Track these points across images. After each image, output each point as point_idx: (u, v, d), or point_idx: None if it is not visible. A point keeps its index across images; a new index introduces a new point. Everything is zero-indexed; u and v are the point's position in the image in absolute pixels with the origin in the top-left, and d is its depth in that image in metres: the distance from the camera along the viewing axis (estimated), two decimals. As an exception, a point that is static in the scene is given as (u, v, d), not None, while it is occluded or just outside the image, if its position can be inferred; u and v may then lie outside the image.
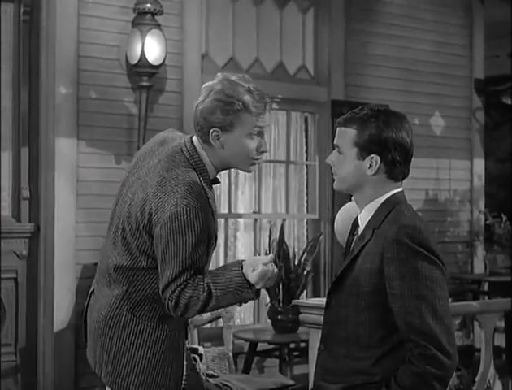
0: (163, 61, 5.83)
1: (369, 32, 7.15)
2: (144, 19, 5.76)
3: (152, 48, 5.73)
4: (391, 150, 2.59)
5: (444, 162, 7.62)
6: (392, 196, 2.63)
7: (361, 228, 2.66)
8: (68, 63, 5.68)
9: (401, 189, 2.67)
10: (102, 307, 2.86)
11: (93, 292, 2.98)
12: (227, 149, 2.81)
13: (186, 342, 2.95)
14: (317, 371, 2.71)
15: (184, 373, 2.91)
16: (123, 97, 5.91)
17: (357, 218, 2.70)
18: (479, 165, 7.88)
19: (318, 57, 7.00)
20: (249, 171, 2.95)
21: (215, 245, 2.91)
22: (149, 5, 5.76)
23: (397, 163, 2.61)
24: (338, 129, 2.67)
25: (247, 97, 2.80)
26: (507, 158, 8.42)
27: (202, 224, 2.70)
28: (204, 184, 2.79)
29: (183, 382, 2.90)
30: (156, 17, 5.80)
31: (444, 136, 7.64)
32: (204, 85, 2.87)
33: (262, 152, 2.87)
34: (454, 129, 7.73)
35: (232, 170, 6.63)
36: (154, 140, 2.98)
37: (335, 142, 2.67)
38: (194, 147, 2.84)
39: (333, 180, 2.73)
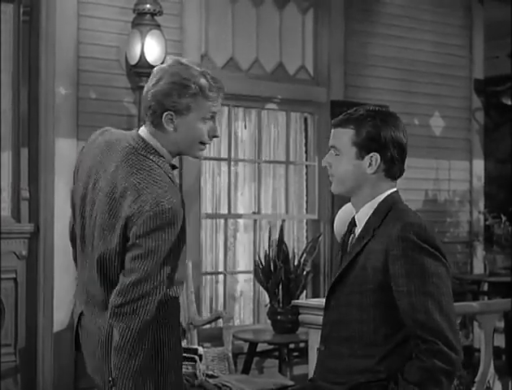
0: (163, 61, 5.81)
1: (369, 33, 7.15)
2: (143, 20, 5.77)
3: (152, 48, 5.73)
4: (390, 148, 2.62)
5: (443, 162, 7.63)
6: (389, 195, 2.65)
7: (359, 228, 2.66)
8: (68, 64, 5.68)
9: (396, 189, 2.69)
10: (101, 327, 2.73)
11: (81, 313, 2.87)
12: (180, 132, 2.71)
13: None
14: (317, 371, 2.70)
15: None
16: (123, 97, 5.91)
17: (353, 219, 2.70)
18: (479, 165, 7.89)
19: (318, 57, 7.00)
20: (198, 157, 2.85)
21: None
22: (148, 5, 5.76)
23: (395, 161, 2.64)
24: (334, 130, 2.67)
25: (203, 81, 2.70)
26: (507, 159, 8.42)
27: (182, 220, 2.62)
28: (168, 172, 2.70)
29: None
30: (156, 17, 5.81)
31: (443, 137, 7.64)
32: (155, 68, 2.77)
33: (214, 136, 2.79)
34: (454, 130, 7.73)
35: (232, 169, 6.65)
36: (91, 146, 2.86)
37: (331, 144, 2.67)
38: (144, 140, 2.73)
39: (330, 183, 2.73)
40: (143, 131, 2.76)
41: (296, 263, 6.01)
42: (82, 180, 2.83)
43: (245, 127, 6.80)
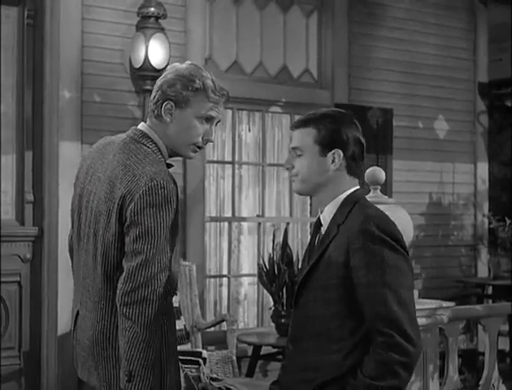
0: (167, 64, 5.82)
1: (372, 36, 7.15)
2: (148, 23, 5.78)
3: (156, 52, 5.74)
4: (351, 145, 2.66)
5: (447, 165, 7.62)
6: (353, 192, 2.67)
7: (324, 227, 2.67)
8: (72, 67, 5.69)
9: (359, 187, 2.71)
10: (95, 323, 2.72)
11: (77, 314, 2.85)
12: (176, 125, 2.76)
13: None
14: (283, 371, 2.73)
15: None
16: (127, 100, 5.91)
17: (318, 219, 2.72)
18: (483, 168, 7.88)
19: (322, 60, 7.01)
20: (189, 157, 2.87)
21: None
22: (152, 9, 5.77)
23: (356, 158, 2.67)
24: (295, 132, 2.72)
25: (209, 82, 2.77)
26: (511, 162, 8.41)
27: (177, 201, 2.64)
28: (162, 161, 2.73)
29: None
30: (160, 21, 5.81)
31: (447, 140, 7.64)
32: (170, 65, 2.86)
33: (207, 140, 2.81)
34: (458, 133, 7.72)
35: (236, 172, 6.65)
36: (90, 150, 2.91)
37: (292, 145, 2.71)
38: (143, 132, 2.78)
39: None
40: (142, 125, 2.81)
41: (300, 266, 6.00)
42: (80, 180, 2.86)
43: (249, 130, 6.80)
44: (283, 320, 5.85)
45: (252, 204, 6.81)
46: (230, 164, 6.64)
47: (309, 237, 7.04)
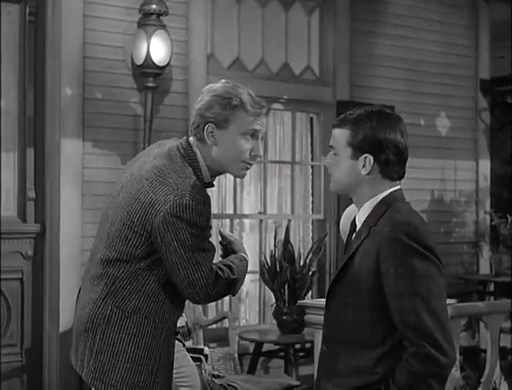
0: (169, 62, 5.83)
1: (374, 33, 7.14)
2: (149, 20, 5.77)
3: (157, 49, 5.74)
4: (384, 150, 2.59)
5: (449, 162, 7.62)
6: (389, 194, 2.63)
7: (358, 227, 2.65)
8: (74, 64, 5.69)
9: (398, 187, 2.66)
10: (86, 304, 2.84)
11: (79, 292, 3.00)
12: (220, 146, 2.78)
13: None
14: (319, 371, 2.71)
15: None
16: (129, 97, 5.91)
17: (355, 219, 2.70)
18: (485, 165, 7.88)
19: (324, 57, 7.00)
20: (240, 176, 2.92)
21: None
22: (154, 6, 5.76)
23: (390, 163, 2.61)
24: (333, 131, 2.68)
25: (245, 97, 2.79)
26: (513, 159, 8.41)
27: (207, 218, 2.75)
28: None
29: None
30: (161, 18, 5.81)
31: (449, 137, 7.63)
32: (205, 87, 2.88)
33: (255, 156, 2.84)
34: (460, 130, 7.72)
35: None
36: (149, 147, 3.02)
37: (330, 144, 2.68)
38: (190, 145, 2.82)
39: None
40: (192, 140, 2.85)
41: (301, 263, 6.01)
42: (126, 168, 2.98)
43: (251, 128, 6.79)
44: (284, 317, 5.86)
45: (254, 201, 6.81)
46: (232, 161, 6.63)
47: (311, 234, 7.05)
